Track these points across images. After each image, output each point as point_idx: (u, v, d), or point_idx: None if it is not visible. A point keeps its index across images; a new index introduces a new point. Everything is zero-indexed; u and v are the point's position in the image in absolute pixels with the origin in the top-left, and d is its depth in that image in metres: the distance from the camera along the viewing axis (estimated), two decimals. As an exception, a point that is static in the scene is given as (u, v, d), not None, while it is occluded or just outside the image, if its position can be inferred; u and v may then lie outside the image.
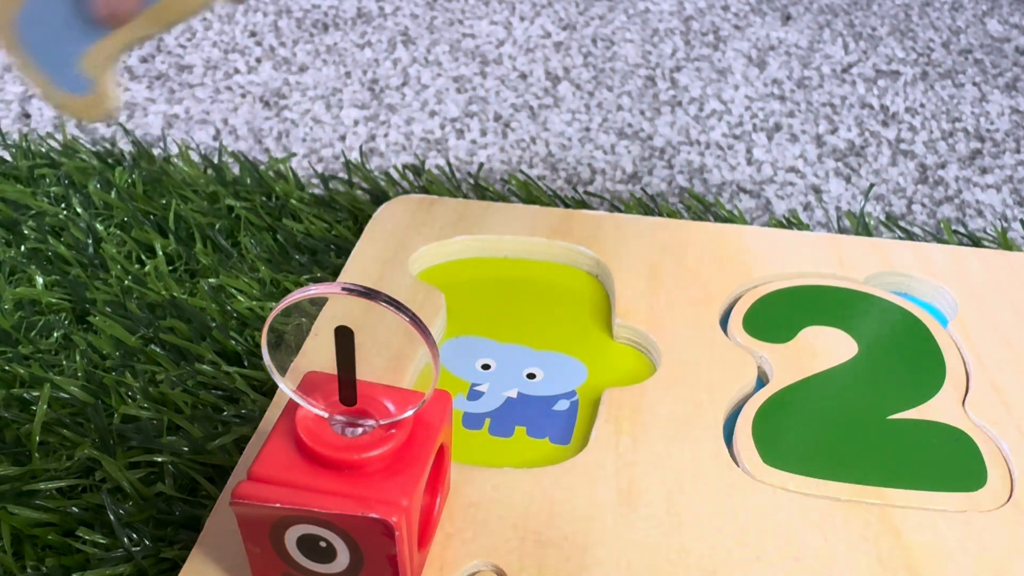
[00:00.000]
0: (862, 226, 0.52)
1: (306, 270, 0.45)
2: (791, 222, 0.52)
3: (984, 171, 0.59)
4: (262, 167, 0.54)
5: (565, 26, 0.75)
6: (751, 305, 0.39)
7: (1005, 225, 0.54)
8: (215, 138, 0.59)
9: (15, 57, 0.37)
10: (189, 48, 0.70)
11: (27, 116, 0.61)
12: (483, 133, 0.61)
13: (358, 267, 0.41)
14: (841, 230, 0.53)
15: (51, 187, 0.51)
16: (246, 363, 0.40)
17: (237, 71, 0.67)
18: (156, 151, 0.57)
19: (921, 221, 0.54)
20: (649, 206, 0.53)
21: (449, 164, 0.57)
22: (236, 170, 0.55)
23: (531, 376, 0.36)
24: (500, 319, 0.39)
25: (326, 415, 0.26)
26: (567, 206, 0.52)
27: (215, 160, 0.55)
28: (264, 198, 0.51)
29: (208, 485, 0.34)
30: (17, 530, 0.33)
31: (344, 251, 0.46)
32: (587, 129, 0.62)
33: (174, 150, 0.57)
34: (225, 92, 0.64)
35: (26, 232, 0.47)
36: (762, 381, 0.36)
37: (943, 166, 0.59)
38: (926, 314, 0.39)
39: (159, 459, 0.35)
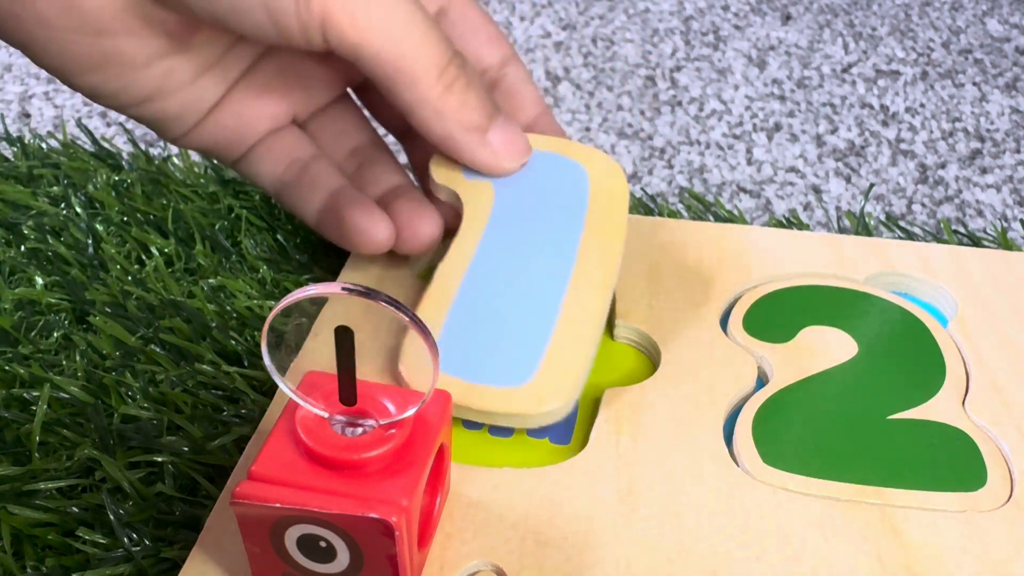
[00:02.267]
0: (862, 226, 0.52)
1: (306, 270, 0.45)
2: (791, 222, 0.52)
3: (984, 171, 0.59)
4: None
5: (565, 26, 0.75)
6: (751, 305, 0.39)
7: (1005, 225, 0.54)
8: (215, 138, 0.59)
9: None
10: (189, 48, 0.69)
11: (27, 116, 0.61)
12: (483, 133, 0.61)
13: (358, 267, 0.41)
14: (841, 230, 0.53)
15: (51, 187, 0.51)
16: (246, 363, 0.40)
17: (237, 71, 0.67)
18: (156, 151, 0.57)
19: (921, 221, 0.54)
20: (649, 206, 0.53)
21: (449, 164, 0.57)
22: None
23: (531, 376, 0.36)
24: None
25: (326, 415, 0.26)
26: (567, 206, 0.52)
27: (215, 160, 0.55)
28: (264, 198, 0.51)
29: (208, 485, 0.34)
30: (17, 530, 0.33)
31: (344, 251, 0.46)
32: (587, 129, 0.62)
33: (174, 150, 0.57)
34: (225, 92, 0.64)
35: (26, 232, 0.47)
36: (762, 381, 0.36)
37: (943, 166, 0.59)
38: (926, 314, 0.39)
39: (159, 459, 0.35)
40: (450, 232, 0.37)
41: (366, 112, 0.43)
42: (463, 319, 0.33)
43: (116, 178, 0.52)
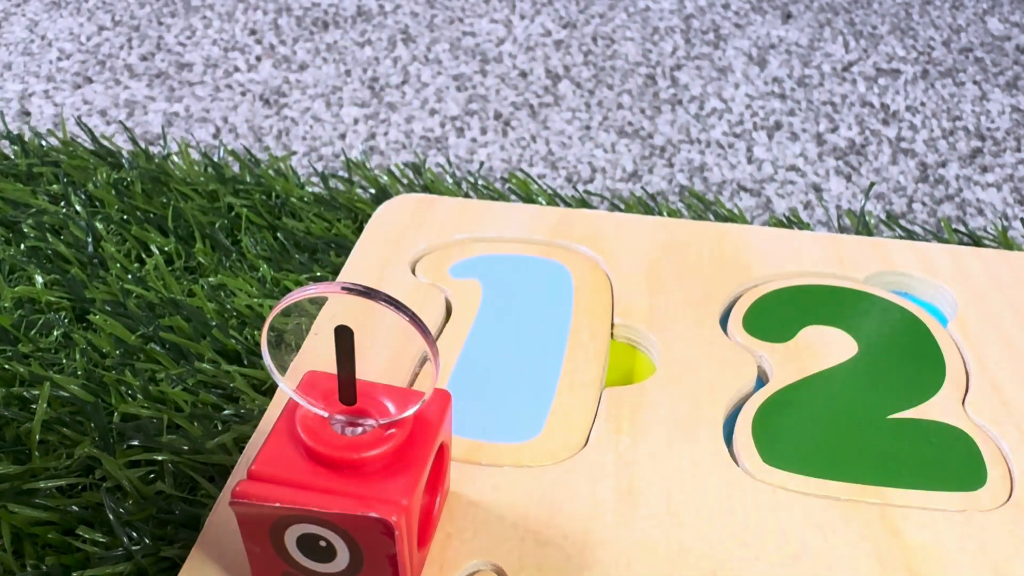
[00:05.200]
0: (862, 225, 0.52)
1: (306, 269, 0.45)
2: (791, 221, 0.52)
3: (984, 170, 0.59)
4: (262, 165, 0.54)
5: (565, 24, 0.75)
6: (751, 305, 0.39)
7: (1005, 224, 0.54)
8: (215, 136, 0.59)
9: None
10: (189, 46, 0.70)
11: (27, 114, 0.61)
12: (483, 131, 0.61)
13: (358, 266, 0.41)
14: (841, 229, 0.53)
15: (51, 185, 0.51)
16: (246, 362, 0.40)
17: (237, 69, 0.67)
18: (156, 149, 0.57)
19: (922, 220, 0.54)
20: (649, 204, 0.53)
21: (449, 162, 0.57)
22: (236, 168, 0.55)
23: (531, 375, 0.36)
24: (500, 318, 0.39)
25: (326, 414, 0.26)
26: (567, 205, 0.52)
27: (215, 158, 0.55)
28: (264, 196, 0.51)
29: (208, 484, 0.34)
30: (17, 528, 0.33)
31: (344, 250, 0.47)
32: (587, 127, 0.62)
33: (174, 148, 0.57)
34: (225, 90, 0.64)
35: (26, 230, 0.47)
36: (762, 381, 0.36)
37: (944, 165, 0.59)
38: (926, 314, 0.39)
39: (159, 458, 0.35)
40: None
41: None
42: (462, 387, 0.34)
43: (116, 176, 0.52)
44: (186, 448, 0.35)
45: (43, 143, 0.56)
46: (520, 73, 0.68)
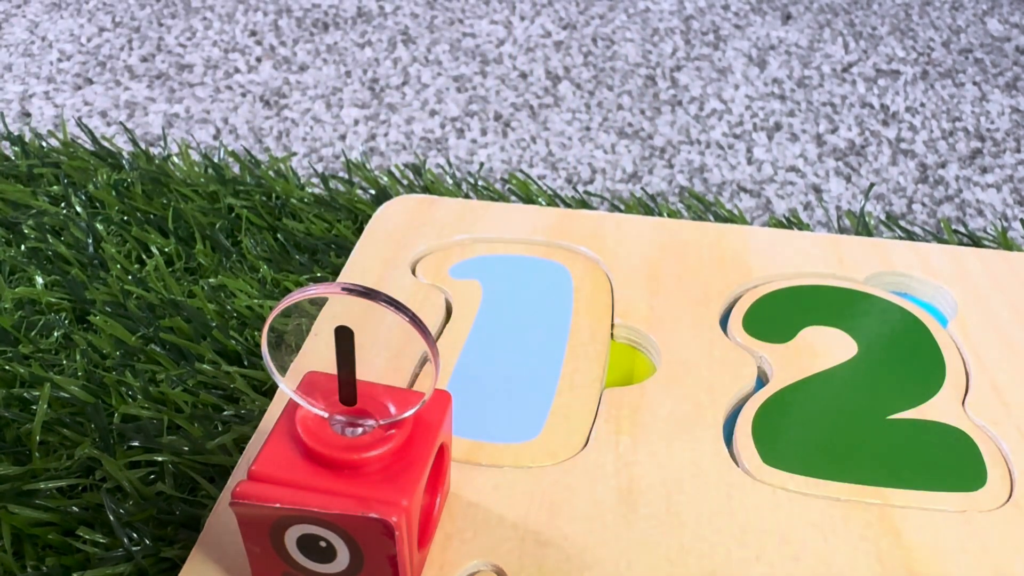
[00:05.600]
0: (862, 225, 0.52)
1: (306, 270, 0.45)
2: (791, 221, 0.52)
3: (984, 170, 0.59)
4: (262, 166, 0.54)
5: (565, 25, 0.75)
6: (751, 305, 0.39)
7: (1005, 224, 0.54)
8: (215, 137, 0.59)
9: None
10: (189, 47, 0.70)
11: (27, 115, 0.61)
12: (483, 132, 0.61)
13: (358, 267, 0.41)
14: (841, 229, 0.53)
15: (51, 186, 0.51)
16: (246, 363, 0.40)
17: (237, 70, 0.67)
18: (156, 150, 0.57)
19: (921, 220, 0.54)
20: (649, 205, 0.53)
21: (449, 163, 0.57)
22: (236, 169, 0.55)
23: (531, 376, 0.36)
24: (500, 319, 0.39)
25: (326, 415, 0.26)
26: (567, 205, 0.52)
27: (215, 159, 0.55)
28: (264, 197, 0.51)
29: (208, 485, 0.34)
30: (17, 529, 0.33)
31: (344, 251, 0.47)
32: (587, 128, 0.62)
33: (174, 149, 0.57)
34: (225, 91, 0.64)
35: (26, 232, 0.47)
36: (762, 381, 0.36)
37: (943, 165, 0.59)
38: (926, 314, 0.39)
39: (159, 458, 0.35)
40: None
41: None
42: (462, 387, 0.34)
43: (116, 177, 0.52)
44: (186, 449, 0.35)
45: (43, 144, 0.56)
46: (520, 74, 0.68)
